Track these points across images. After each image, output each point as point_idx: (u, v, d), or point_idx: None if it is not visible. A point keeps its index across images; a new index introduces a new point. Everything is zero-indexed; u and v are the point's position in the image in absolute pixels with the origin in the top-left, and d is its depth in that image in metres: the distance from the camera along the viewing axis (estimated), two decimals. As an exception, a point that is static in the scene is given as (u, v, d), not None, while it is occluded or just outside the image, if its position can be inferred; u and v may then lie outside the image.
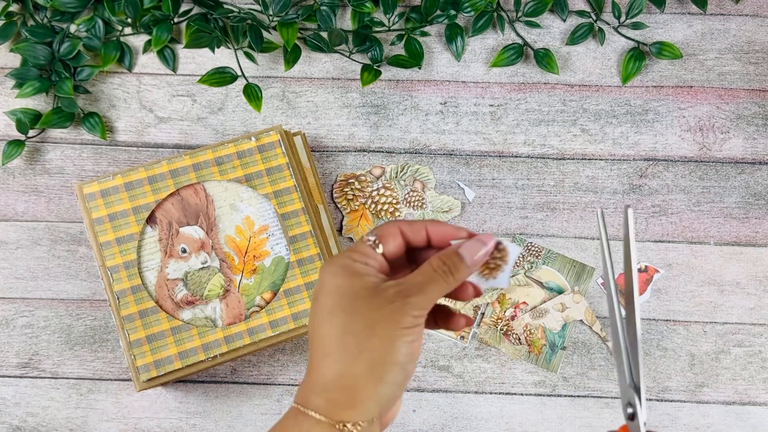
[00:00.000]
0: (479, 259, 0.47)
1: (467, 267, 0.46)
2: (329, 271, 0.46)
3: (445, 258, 0.46)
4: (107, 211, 0.69)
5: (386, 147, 0.79)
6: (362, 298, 0.44)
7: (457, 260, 0.46)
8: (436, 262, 0.46)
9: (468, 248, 0.47)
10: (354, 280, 0.45)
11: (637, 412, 0.46)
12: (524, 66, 0.81)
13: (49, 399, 0.75)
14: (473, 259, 0.46)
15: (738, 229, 0.78)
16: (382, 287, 0.45)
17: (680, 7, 0.82)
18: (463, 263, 0.46)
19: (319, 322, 0.45)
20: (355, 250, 0.47)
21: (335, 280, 0.45)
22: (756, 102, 0.80)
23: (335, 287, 0.45)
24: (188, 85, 0.80)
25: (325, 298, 0.45)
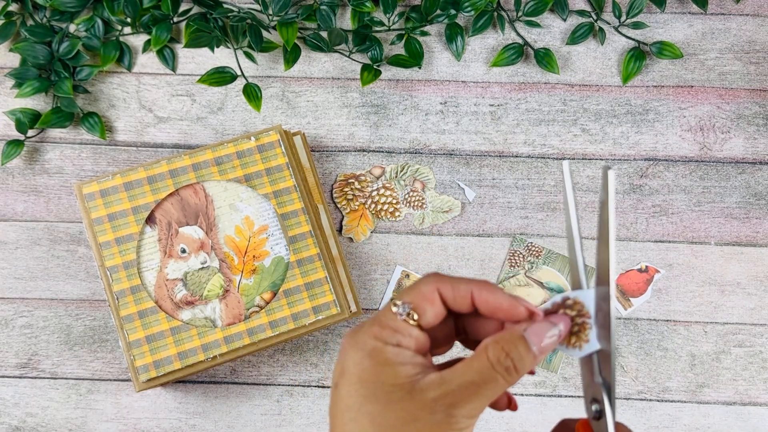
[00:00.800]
0: (548, 347, 0.37)
1: (534, 358, 0.36)
2: (353, 357, 0.36)
3: (509, 346, 0.35)
4: (106, 211, 0.69)
5: (386, 147, 0.79)
6: (394, 401, 0.35)
7: (523, 349, 0.36)
8: (496, 353, 0.35)
9: (536, 332, 0.36)
10: (384, 371, 0.35)
11: (605, 411, 0.38)
12: (524, 66, 0.81)
13: (49, 399, 0.74)
14: (542, 345, 0.36)
15: (739, 229, 0.78)
16: (420, 386, 0.35)
17: (681, 7, 0.82)
18: (530, 354, 0.36)
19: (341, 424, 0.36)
20: (385, 326, 0.37)
21: (360, 370, 0.36)
22: (756, 102, 0.80)
23: (360, 379, 0.36)
24: (188, 84, 0.80)
25: (348, 391, 0.36)
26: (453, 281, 0.38)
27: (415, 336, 0.37)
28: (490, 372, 0.35)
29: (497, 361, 0.35)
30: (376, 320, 0.37)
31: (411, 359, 0.36)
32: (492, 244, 0.77)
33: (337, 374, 0.37)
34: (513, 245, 0.77)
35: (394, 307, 0.37)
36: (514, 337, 0.36)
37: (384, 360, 0.36)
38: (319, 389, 0.75)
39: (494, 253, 0.77)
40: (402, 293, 0.38)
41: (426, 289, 0.38)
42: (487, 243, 0.77)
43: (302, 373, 0.75)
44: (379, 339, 0.36)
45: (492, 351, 0.35)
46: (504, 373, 0.35)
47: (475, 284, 0.38)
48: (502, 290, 0.38)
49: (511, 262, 0.77)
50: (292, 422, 0.74)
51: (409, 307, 0.37)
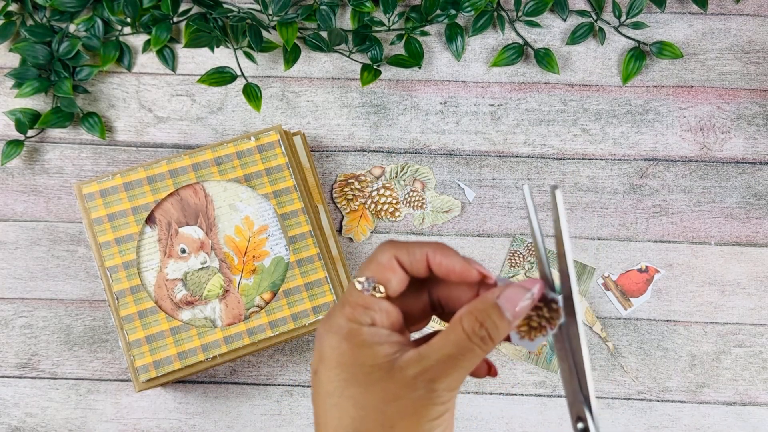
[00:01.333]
0: (522, 311, 0.36)
1: (508, 324, 0.36)
2: (330, 342, 0.36)
3: (482, 315, 0.35)
4: (106, 211, 0.69)
5: (386, 147, 0.79)
6: (375, 382, 0.34)
7: (497, 317, 0.35)
8: (471, 323, 0.35)
9: (509, 298, 0.36)
10: (362, 353, 0.35)
11: (589, 428, 0.38)
12: (524, 66, 0.81)
13: (48, 399, 0.74)
14: (515, 311, 0.36)
15: (739, 230, 0.78)
16: (399, 364, 0.35)
17: (681, 7, 0.82)
18: (504, 321, 0.35)
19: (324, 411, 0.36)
20: (355, 305, 0.36)
21: (338, 354, 0.36)
22: (757, 102, 0.80)
23: (339, 363, 0.36)
24: (187, 84, 0.80)
25: (328, 377, 0.36)
26: (408, 246, 0.38)
27: (386, 310, 0.37)
28: (467, 343, 0.35)
29: (472, 331, 0.35)
30: (345, 301, 0.37)
31: (387, 338, 0.36)
32: (492, 244, 0.77)
33: (316, 361, 0.37)
34: (513, 245, 0.77)
35: (358, 283, 0.37)
36: (486, 305, 0.35)
37: (361, 341, 0.35)
38: (319, 389, 0.75)
39: (494, 253, 0.77)
40: (361, 268, 0.38)
41: (384, 259, 0.37)
42: (487, 243, 0.77)
43: (302, 373, 0.75)
44: (353, 320, 0.36)
45: (466, 321, 0.35)
46: (480, 343, 0.35)
47: (429, 247, 0.37)
48: (456, 253, 0.38)
49: (511, 262, 0.77)
50: (292, 422, 0.74)
51: (373, 280, 0.37)
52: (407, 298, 0.39)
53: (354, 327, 0.36)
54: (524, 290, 0.36)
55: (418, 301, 0.39)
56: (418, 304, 0.39)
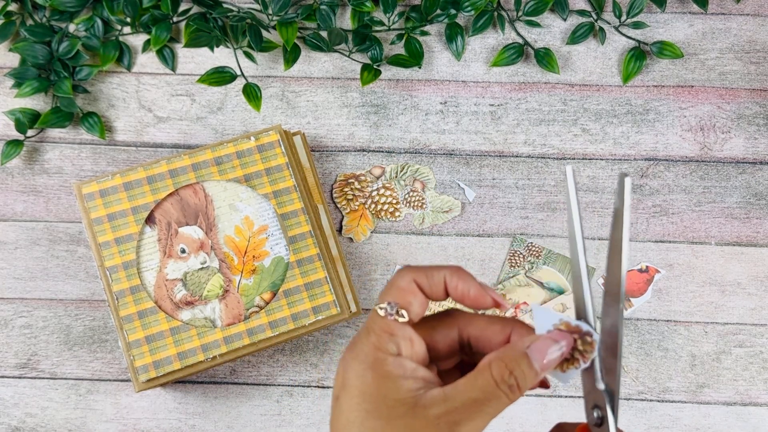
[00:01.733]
0: (551, 363, 0.36)
1: (536, 375, 0.36)
2: (355, 370, 0.36)
3: (512, 364, 0.35)
4: (106, 211, 0.69)
5: (386, 147, 0.79)
6: (397, 417, 0.34)
7: (526, 366, 0.35)
8: (499, 370, 0.35)
9: (539, 349, 0.36)
10: (386, 385, 0.35)
11: (607, 419, 0.38)
12: (525, 65, 0.81)
13: (48, 399, 0.74)
14: (544, 362, 0.36)
15: (739, 230, 0.77)
16: (424, 402, 0.34)
17: (681, 7, 0.82)
18: (533, 371, 0.35)
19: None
20: (380, 332, 0.36)
21: (362, 383, 0.35)
22: (757, 102, 0.80)
23: (362, 393, 0.35)
24: (187, 84, 0.80)
25: (350, 405, 0.35)
26: (426, 270, 0.38)
27: (411, 337, 0.37)
28: (494, 389, 0.34)
29: (501, 378, 0.35)
30: (370, 329, 0.37)
31: (413, 372, 0.36)
32: (492, 244, 0.77)
33: (338, 387, 0.37)
34: (513, 245, 0.77)
35: (380, 309, 0.37)
36: (516, 354, 0.36)
37: (386, 373, 0.35)
38: (318, 389, 0.75)
39: (494, 253, 0.77)
40: (382, 295, 0.38)
41: (403, 283, 0.37)
42: (487, 243, 0.77)
43: (302, 373, 0.75)
44: (380, 349, 0.36)
45: (495, 368, 0.35)
46: (507, 391, 0.35)
47: (447, 270, 0.38)
48: (473, 278, 0.38)
49: (512, 262, 0.77)
50: (292, 422, 0.74)
51: (395, 305, 0.37)
52: (435, 332, 0.39)
53: (380, 356, 0.36)
54: (554, 342, 0.36)
55: (446, 337, 0.39)
56: (446, 340, 0.39)
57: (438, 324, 0.40)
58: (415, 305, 0.37)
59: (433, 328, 0.39)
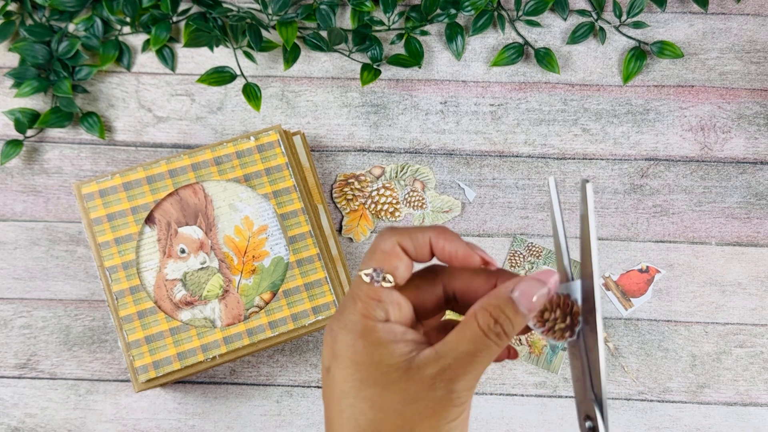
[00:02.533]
0: (537, 305, 0.36)
1: (523, 318, 0.35)
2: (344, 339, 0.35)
3: (496, 311, 0.35)
4: (106, 211, 0.69)
5: (386, 147, 0.79)
6: (392, 382, 0.34)
7: (512, 311, 0.35)
8: (485, 319, 0.34)
9: (523, 292, 0.35)
10: (378, 352, 0.34)
11: (598, 427, 0.37)
12: (525, 65, 0.81)
13: (48, 400, 0.74)
14: (531, 304, 0.35)
15: (739, 230, 0.77)
16: (417, 363, 0.34)
17: (681, 7, 0.82)
18: (519, 315, 0.35)
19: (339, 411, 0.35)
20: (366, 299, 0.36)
21: (353, 352, 0.35)
22: (757, 102, 0.80)
23: (354, 362, 0.35)
24: (187, 84, 0.80)
25: (343, 375, 0.35)
26: (410, 232, 0.37)
27: (398, 302, 0.36)
28: (483, 339, 0.34)
29: (488, 327, 0.34)
30: (355, 296, 0.36)
31: (403, 336, 0.35)
32: (492, 244, 0.77)
33: (328, 358, 0.36)
34: (513, 245, 0.77)
35: (366, 276, 0.36)
36: (501, 300, 0.35)
37: (376, 339, 0.34)
38: (318, 390, 0.75)
39: (494, 253, 0.77)
40: (365, 260, 0.37)
41: (387, 246, 0.36)
42: (487, 243, 0.77)
43: (302, 373, 0.75)
44: (367, 316, 0.35)
45: (481, 317, 0.34)
46: (496, 339, 0.34)
47: (432, 231, 0.37)
48: (459, 237, 0.37)
49: (512, 262, 0.77)
50: (292, 423, 0.74)
51: (380, 271, 0.36)
52: (420, 291, 0.39)
53: (369, 324, 0.35)
54: (540, 283, 0.36)
55: (432, 294, 0.39)
56: (431, 297, 0.39)
57: (422, 282, 0.39)
58: (400, 269, 0.36)
59: (418, 287, 0.39)
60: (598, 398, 0.37)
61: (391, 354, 0.34)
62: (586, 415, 0.38)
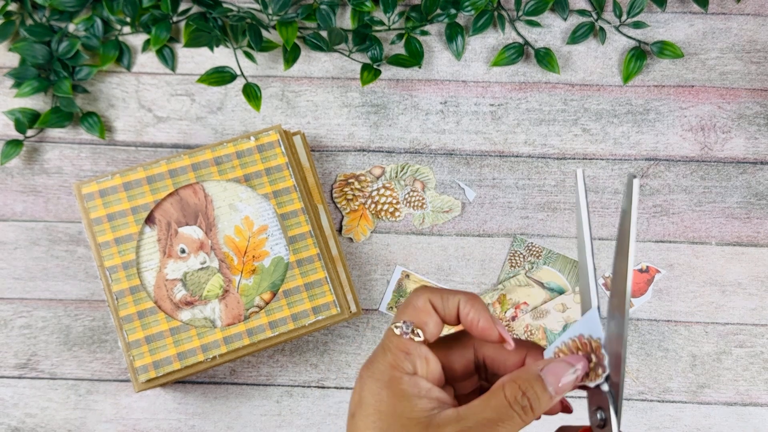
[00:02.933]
0: (566, 388, 0.36)
1: (550, 399, 0.36)
2: (370, 388, 0.36)
3: (525, 385, 0.35)
4: (106, 211, 0.69)
5: (386, 147, 0.79)
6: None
7: (540, 389, 0.35)
8: (512, 391, 0.35)
9: (553, 372, 0.36)
10: (402, 404, 0.35)
11: (611, 420, 0.38)
12: (525, 65, 0.81)
13: (48, 400, 0.74)
14: (558, 386, 0.36)
15: (740, 230, 0.77)
16: (437, 421, 0.35)
17: (681, 7, 0.82)
18: (546, 394, 0.36)
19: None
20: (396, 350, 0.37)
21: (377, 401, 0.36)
22: (758, 102, 0.80)
23: (377, 411, 0.35)
24: (187, 84, 0.80)
25: (365, 423, 0.36)
26: (442, 292, 0.38)
27: (426, 357, 0.37)
28: (507, 410, 0.35)
29: (514, 399, 0.35)
30: (386, 347, 0.37)
31: (428, 392, 0.36)
32: (492, 244, 0.77)
33: (354, 404, 0.37)
34: (513, 245, 0.77)
35: (396, 328, 0.38)
36: (530, 376, 0.36)
37: (401, 392, 0.35)
38: (318, 390, 0.75)
39: (494, 253, 0.77)
40: (398, 314, 0.39)
41: (419, 303, 0.38)
42: (487, 243, 0.77)
43: (302, 373, 0.75)
44: (396, 368, 0.36)
45: (509, 389, 0.35)
46: (521, 412, 0.35)
47: (462, 296, 0.38)
48: (486, 309, 0.38)
49: (512, 262, 0.77)
50: (292, 423, 0.74)
51: (410, 324, 0.37)
52: (451, 353, 0.40)
53: (396, 375, 0.36)
54: (569, 366, 0.36)
55: (462, 358, 0.40)
56: (461, 361, 0.40)
57: (454, 344, 0.40)
58: (430, 325, 0.38)
59: (449, 348, 0.40)
60: (613, 391, 0.37)
61: (413, 408, 0.35)
62: (597, 406, 0.38)
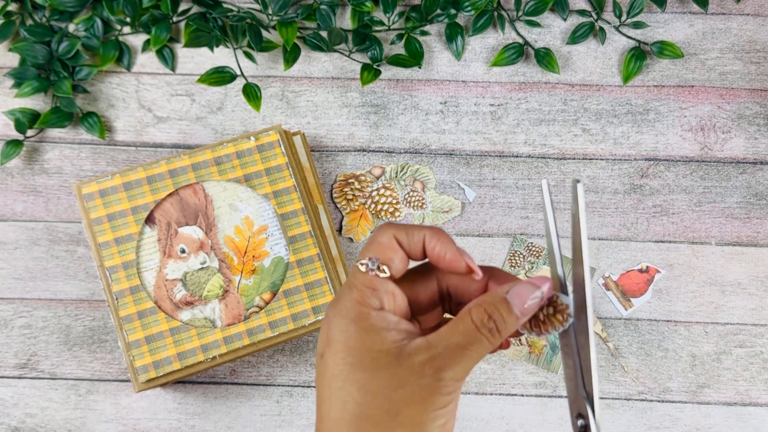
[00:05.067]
0: (531, 309, 0.36)
1: (516, 320, 0.36)
2: (338, 325, 0.36)
3: (491, 308, 0.36)
4: (106, 211, 0.69)
5: (386, 147, 0.79)
6: (382, 367, 0.35)
7: (506, 311, 0.36)
8: (479, 315, 0.36)
9: (518, 294, 0.36)
10: (370, 338, 0.35)
11: (590, 425, 0.38)
12: (525, 65, 0.81)
13: (48, 400, 0.74)
14: (524, 307, 0.36)
15: (739, 230, 0.77)
16: (407, 350, 0.35)
17: (681, 7, 0.82)
18: (512, 315, 0.36)
19: (328, 395, 0.36)
20: (362, 287, 0.37)
21: (345, 337, 0.36)
22: (757, 102, 0.80)
23: (346, 347, 0.35)
24: (187, 84, 0.80)
25: (335, 360, 0.36)
26: (407, 228, 0.38)
27: (393, 291, 0.37)
28: (475, 334, 0.35)
29: (481, 322, 0.35)
30: (351, 284, 0.37)
31: (396, 325, 0.36)
32: (492, 244, 0.77)
33: (323, 344, 0.37)
34: (513, 245, 0.77)
35: (362, 265, 0.37)
36: (496, 299, 0.36)
37: (369, 326, 0.35)
38: (318, 390, 0.75)
39: (494, 253, 0.77)
40: (363, 251, 0.39)
41: (384, 239, 0.38)
42: (487, 243, 0.77)
43: (302, 373, 0.75)
44: (362, 304, 0.36)
45: (475, 313, 0.36)
46: (488, 334, 0.35)
47: (427, 231, 0.38)
48: (452, 241, 0.38)
49: (512, 262, 0.77)
50: (292, 423, 0.74)
51: (376, 260, 0.37)
52: (415, 286, 0.40)
53: (363, 311, 0.36)
54: (534, 288, 0.37)
55: (427, 290, 0.40)
56: (426, 293, 0.40)
57: (417, 277, 0.40)
58: (396, 261, 0.38)
59: (413, 282, 0.40)
60: (589, 396, 0.38)
61: (382, 340, 0.35)
62: (578, 413, 0.39)
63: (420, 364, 0.34)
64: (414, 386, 0.34)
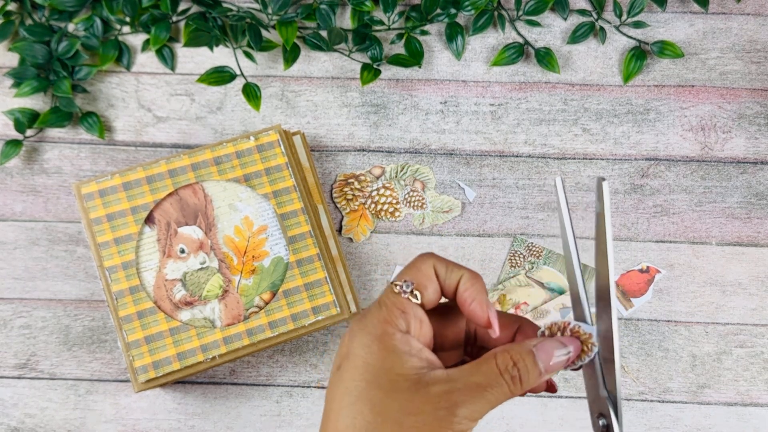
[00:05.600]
0: (556, 366, 0.37)
1: (539, 374, 0.36)
2: (361, 340, 0.36)
3: (517, 356, 0.36)
4: (105, 211, 0.69)
5: (386, 147, 0.79)
6: (399, 390, 0.34)
7: (530, 363, 0.36)
8: (505, 360, 0.35)
9: (545, 350, 0.36)
10: (391, 359, 0.35)
11: (612, 426, 0.38)
12: (525, 65, 0.80)
13: (47, 400, 0.74)
14: (549, 364, 0.36)
15: (740, 230, 0.77)
16: (426, 379, 0.35)
17: (682, 6, 0.82)
18: (536, 369, 0.36)
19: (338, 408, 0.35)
20: (391, 307, 0.37)
21: (366, 354, 0.35)
22: (758, 101, 0.80)
23: (365, 363, 0.35)
24: (187, 84, 0.80)
25: (351, 375, 0.35)
26: (448, 263, 0.38)
27: (421, 319, 0.37)
28: (497, 377, 0.35)
29: (505, 368, 0.35)
30: (382, 303, 0.37)
31: (418, 352, 0.36)
32: (492, 244, 0.77)
33: (342, 356, 0.36)
34: (513, 245, 0.77)
35: (396, 286, 0.37)
36: (523, 349, 0.36)
37: (392, 346, 0.35)
38: (318, 390, 0.75)
39: (495, 253, 0.77)
40: (401, 273, 0.39)
41: (424, 267, 0.38)
42: (487, 243, 0.77)
43: (302, 373, 0.75)
44: (389, 323, 0.36)
45: (501, 358, 0.36)
46: (509, 381, 0.35)
47: (466, 272, 0.38)
48: (484, 291, 0.38)
49: (512, 262, 0.77)
50: (292, 423, 0.74)
51: (411, 284, 0.37)
52: (445, 321, 0.40)
53: (388, 330, 0.36)
54: (561, 346, 0.37)
55: (455, 328, 0.40)
56: (453, 330, 0.40)
57: (448, 313, 0.40)
58: (429, 290, 0.37)
59: (444, 316, 0.40)
60: (612, 395, 0.38)
61: (403, 363, 0.35)
62: (599, 413, 0.39)
63: (437, 396, 0.34)
64: (428, 416, 0.34)
